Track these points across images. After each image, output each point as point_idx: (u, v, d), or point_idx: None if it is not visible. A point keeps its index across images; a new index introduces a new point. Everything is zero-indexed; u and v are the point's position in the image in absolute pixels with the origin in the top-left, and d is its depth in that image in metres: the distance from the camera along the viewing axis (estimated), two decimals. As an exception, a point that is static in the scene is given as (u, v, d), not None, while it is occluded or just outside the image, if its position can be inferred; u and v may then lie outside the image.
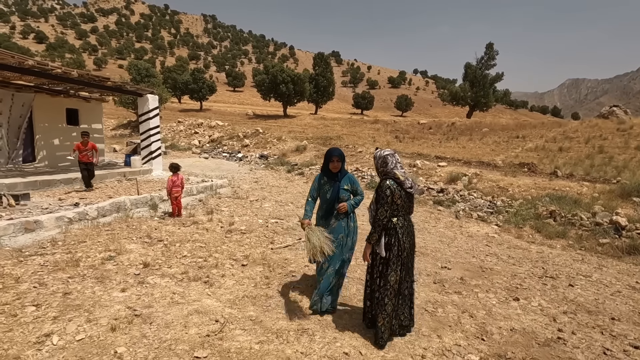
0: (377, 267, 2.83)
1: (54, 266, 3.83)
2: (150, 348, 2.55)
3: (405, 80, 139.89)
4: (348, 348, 2.73)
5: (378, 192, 2.76)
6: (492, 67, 46.75)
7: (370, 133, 27.88)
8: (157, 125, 11.25)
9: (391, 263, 2.74)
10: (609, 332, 3.34)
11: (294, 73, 42.55)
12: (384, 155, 2.81)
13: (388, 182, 2.72)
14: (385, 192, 2.69)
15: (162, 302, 3.26)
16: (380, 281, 2.80)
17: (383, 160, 2.80)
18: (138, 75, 31.66)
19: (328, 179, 3.29)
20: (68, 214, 5.38)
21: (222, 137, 23.17)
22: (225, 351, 2.58)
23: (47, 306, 3.02)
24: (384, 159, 2.80)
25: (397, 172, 2.75)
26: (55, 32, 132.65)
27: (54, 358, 2.36)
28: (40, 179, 7.67)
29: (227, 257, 4.63)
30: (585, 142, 19.47)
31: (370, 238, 2.76)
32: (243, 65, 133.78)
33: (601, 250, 6.28)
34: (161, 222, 6.06)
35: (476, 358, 2.77)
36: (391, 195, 2.70)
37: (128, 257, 4.29)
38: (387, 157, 2.80)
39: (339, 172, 3.26)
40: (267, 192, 9.71)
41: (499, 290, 4.23)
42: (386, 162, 2.79)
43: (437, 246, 5.95)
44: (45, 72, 7.73)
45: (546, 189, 9.75)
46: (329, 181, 3.28)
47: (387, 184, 2.72)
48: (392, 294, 2.78)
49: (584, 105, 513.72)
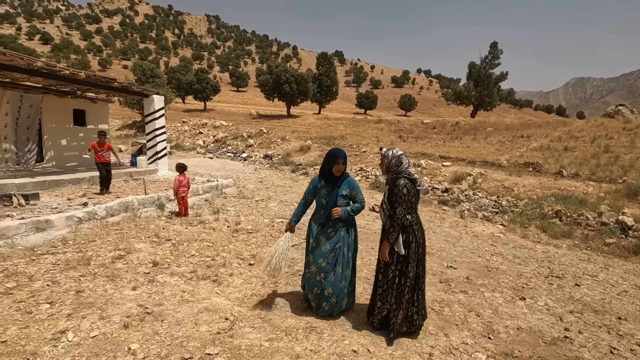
0: (394, 265, 2.84)
1: (65, 265, 3.90)
2: (162, 345, 2.60)
3: (408, 79, 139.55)
4: (356, 346, 2.77)
5: (394, 191, 2.76)
6: (496, 66, 46.53)
7: (374, 133, 27.87)
8: (163, 125, 11.35)
9: (410, 260, 2.80)
10: (616, 332, 3.35)
11: (298, 73, 42.61)
12: (398, 155, 2.85)
13: (403, 181, 2.75)
14: (403, 190, 2.73)
15: (172, 300, 3.31)
16: (400, 279, 2.84)
17: (398, 160, 2.83)
18: (143, 75, 31.83)
19: (326, 183, 3.04)
20: (77, 213, 5.46)
21: (226, 137, 23.27)
22: (236, 348, 2.62)
23: (60, 304, 3.08)
24: (399, 159, 2.83)
25: (411, 170, 2.82)
26: (60, 33, 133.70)
27: (69, 354, 2.42)
28: (48, 179, 7.77)
29: (235, 256, 4.68)
30: (591, 141, 19.34)
31: (390, 237, 2.75)
32: (246, 66, 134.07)
33: (607, 250, 6.26)
34: (168, 221, 6.13)
35: (483, 356, 2.79)
36: (408, 194, 2.74)
37: (137, 256, 4.35)
38: (402, 157, 2.84)
39: (340, 176, 3.04)
40: (272, 192, 9.76)
41: (505, 290, 4.25)
42: (401, 162, 2.83)
43: (442, 246, 5.97)
44: (54, 73, 7.82)
45: (552, 189, 9.73)
46: (327, 185, 3.04)
47: (402, 182, 2.75)
48: (411, 290, 2.87)
49: (589, 104, 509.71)
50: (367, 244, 5.70)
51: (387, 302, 2.92)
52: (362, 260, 4.91)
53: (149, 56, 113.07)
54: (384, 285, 2.92)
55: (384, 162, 2.90)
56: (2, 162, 8.86)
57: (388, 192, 2.84)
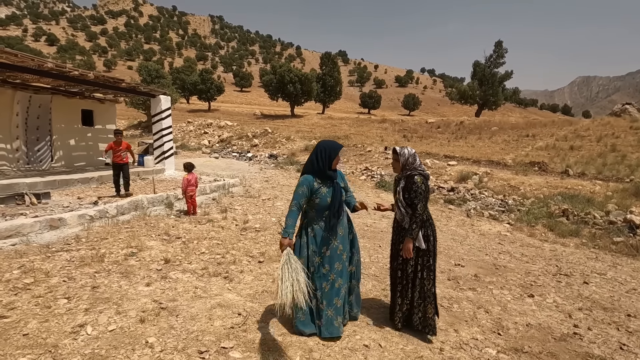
0: (414, 260, 2.88)
1: (80, 261, 3.98)
2: (178, 339, 2.66)
3: (412, 79, 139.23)
4: (367, 341, 2.81)
5: (413, 188, 2.79)
6: (501, 65, 46.28)
7: (378, 132, 27.86)
8: (170, 125, 11.45)
9: (431, 253, 2.88)
10: (625, 328, 3.37)
11: (301, 73, 42.66)
12: (413, 153, 2.92)
13: (419, 177, 2.81)
14: (422, 187, 2.80)
15: (185, 296, 3.37)
16: (423, 273, 2.88)
17: (414, 157, 2.90)
18: (148, 76, 32.10)
19: (323, 180, 2.72)
20: (89, 211, 5.54)
21: (231, 137, 23.39)
22: (250, 342, 2.68)
23: (77, 299, 3.15)
24: (414, 156, 2.91)
25: (424, 167, 2.90)
26: (66, 34, 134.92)
27: (89, 347, 2.48)
28: (58, 179, 7.87)
29: (244, 254, 4.74)
30: (597, 140, 19.22)
31: (413, 233, 2.79)
32: (250, 66, 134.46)
33: (615, 248, 6.25)
34: (178, 220, 6.21)
35: (493, 351, 2.82)
36: (426, 190, 2.82)
37: (149, 253, 4.42)
38: (416, 154, 2.92)
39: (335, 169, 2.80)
40: (278, 191, 9.82)
41: (514, 287, 4.27)
42: (416, 158, 2.91)
43: (449, 244, 5.99)
44: (64, 74, 7.93)
45: (558, 188, 9.71)
46: (325, 182, 2.72)
47: (419, 179, 2.81)
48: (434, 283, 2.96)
49: (595, 103, 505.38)
50: (374, 242, 5.74)
51: (407, 298, 2.96)
52: (370, 258, 4.96)
53: (154, 57, 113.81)
54: (404, 281, 2.95)
55: (399, 160, 2.92)
56: (13, 162, 9.00)
57: (403, 190, 2.86)
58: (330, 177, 2.72)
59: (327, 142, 2.78)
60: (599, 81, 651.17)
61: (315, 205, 2.71)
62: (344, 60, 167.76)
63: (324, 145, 2.75)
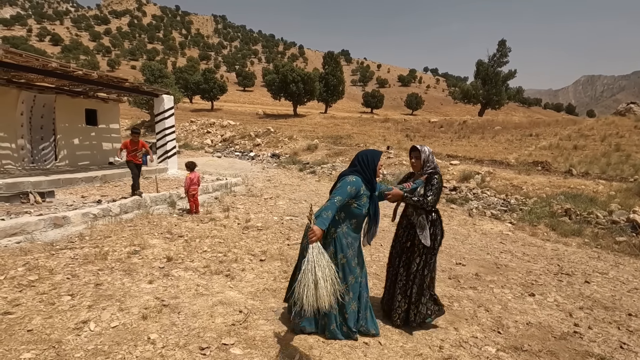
0: (419, 257, 2.93)
1: (83, 259, 4.02)
2: (180, 335, 2.69)
3: (415, 78, 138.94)
4: (367, 338, 2.83)
5: (433, 184, 2.89)
6: (504, 64, 46.04)
7: (381, 132, 27.84)
8: (172, 124, 11.50)
9: (435, 252, 2.96)
10: (626, 328, 3.37)
11: (304, 72, 42.69)
12: (431, 151, 3.04)
13: (439, 176, 2.93)
14: (441, 182, 2.94)
15: (187, 294, 3.41)
16: (424, 270, 2.95)
17: (432, 154, 3.02)
18: (152, 76, 32.24)
19: (366, 189, 2.60)
20: (93, 210, 5.59)
21: (234, 136, 23.45)
22: (251, 339, 2.70)
23: (81, 296, 3.19)
24: (432, 153, 3.04)
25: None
26: (70, 34, 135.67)
27: (92, 342, 2.52)
28: (62, 178, 7.94)
29: (246, 252, 4.77)
30: (601, 140, 19.11)
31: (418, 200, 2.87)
32: (253, 65, 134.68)
33: (618, 248, 6.23)
34: (180, 218, 6.25)
35: (493, 349, 2.83)
36: (440, 187, 2.93)
37: (152, 251, 4.46)
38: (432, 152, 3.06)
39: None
40: (280, 190, 9.85)
41: (514, 286, 4.27)
42: (433, 156, 3.03)
43: (451, 243, 6.00)
44: (68, 74, 7.99)
45: (561, 187, 9.67)
46: (368, 191, 2.61)
47: (439, 177, 2.93)
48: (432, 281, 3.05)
49: (599, 103, 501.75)
50: (375, 241, 5.73)
51: (406, 296, 2.99)
52: (371, 257, 4.98)
53: (157, 56, 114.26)
54: (405, 279, 3.00)
55: (420, 158, 2.98)
56: (18, 161, 9.08)
57: (429, 185, 2.91)
58: (372, 185, 2.64)
59: (367, 150, 2.74)
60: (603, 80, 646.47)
61: (349, 211, 2.59)
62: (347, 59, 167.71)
63: (367, 152, 2.70)
